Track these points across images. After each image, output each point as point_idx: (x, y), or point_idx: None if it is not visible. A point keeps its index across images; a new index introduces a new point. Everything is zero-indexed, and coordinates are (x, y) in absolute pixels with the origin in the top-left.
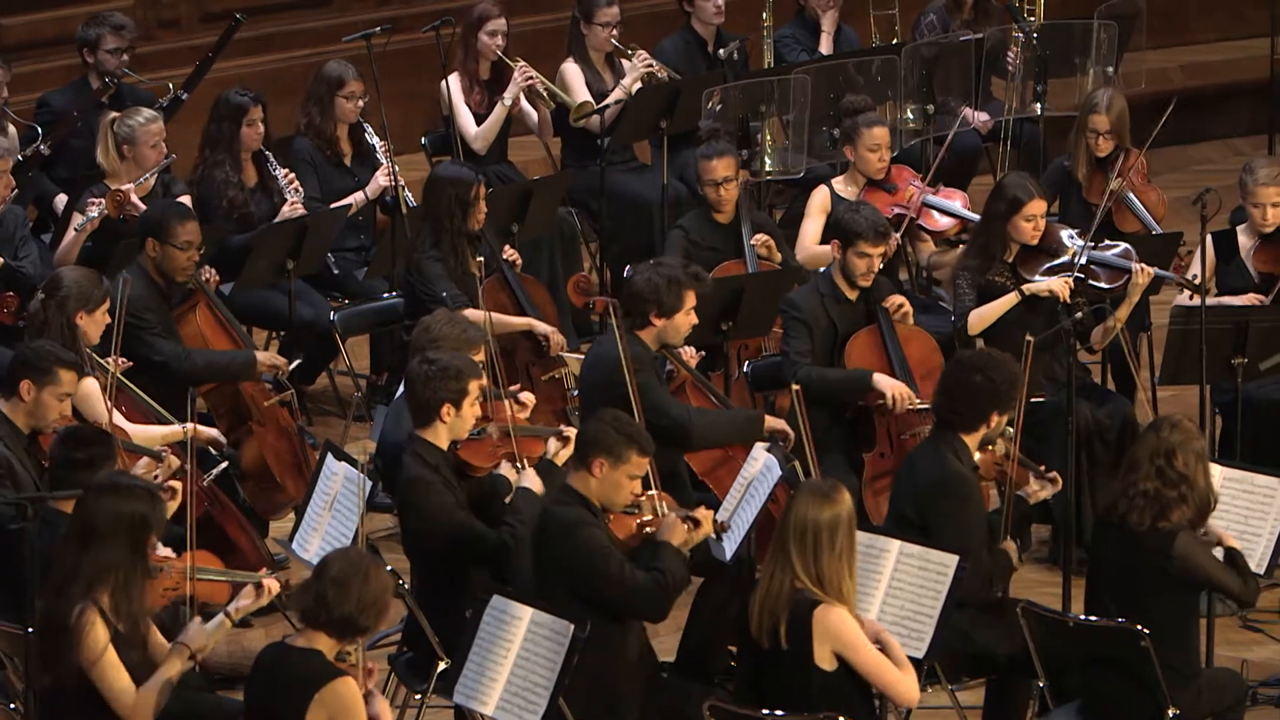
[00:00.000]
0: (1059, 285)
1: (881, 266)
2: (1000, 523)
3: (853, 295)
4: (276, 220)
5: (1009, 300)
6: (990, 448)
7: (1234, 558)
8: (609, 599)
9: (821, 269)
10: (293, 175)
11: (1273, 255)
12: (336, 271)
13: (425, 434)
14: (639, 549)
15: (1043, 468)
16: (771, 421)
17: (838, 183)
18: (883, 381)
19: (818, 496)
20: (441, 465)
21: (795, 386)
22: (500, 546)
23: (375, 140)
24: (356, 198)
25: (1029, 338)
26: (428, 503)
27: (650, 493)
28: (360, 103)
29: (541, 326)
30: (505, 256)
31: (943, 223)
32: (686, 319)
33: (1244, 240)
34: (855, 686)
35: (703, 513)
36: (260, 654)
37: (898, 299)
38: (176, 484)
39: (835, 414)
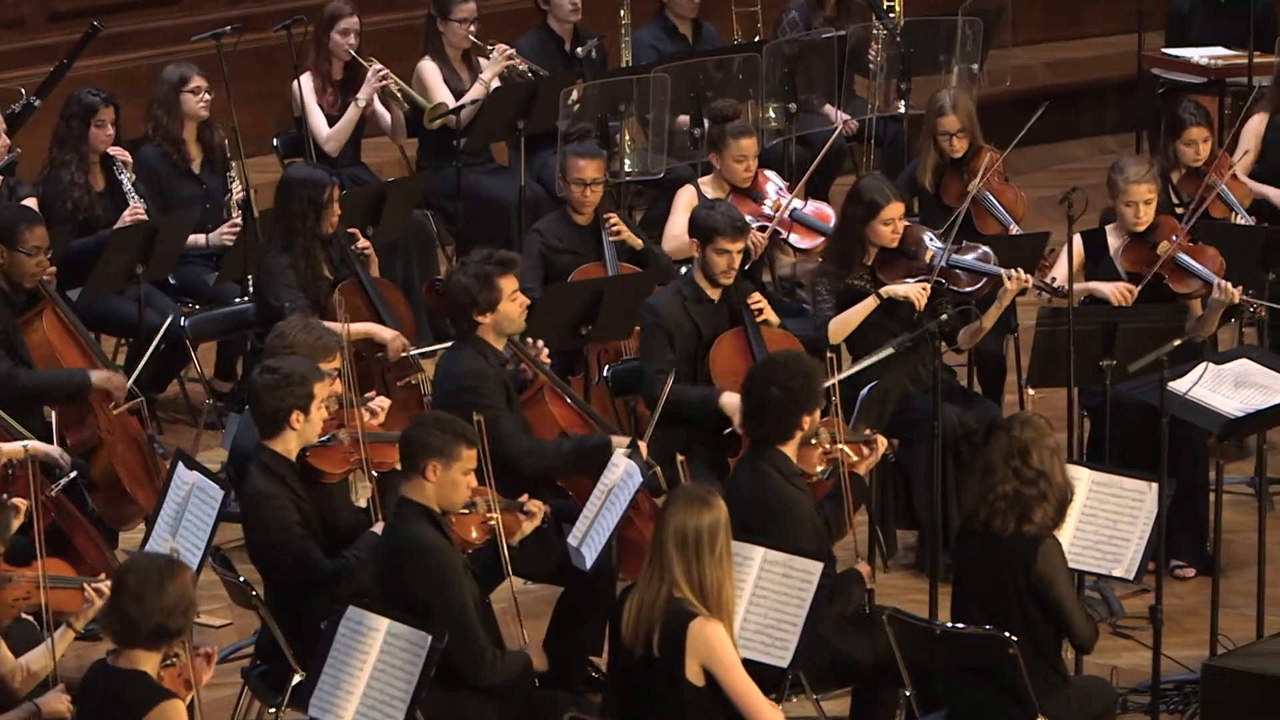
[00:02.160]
0: (915, 292)
1: (745, 266)
2: (840, 511)
3: (715, 295)
4: (118, 225)
5: (868, 305)
6: (814, 441)
7: (1083, 607)
8: (448, 632)
9: (684, 270)
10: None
11: (1141, 255)
12: (173, 281)
13: (273, 444)
14: (484, 550)
15: (867, 431)
16: (619, 440)
17: (704, 184)
18: (730, 402)
19: (695, 502)
20: (289, 476)
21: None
22: (333, 577)
23: (127, 180)
24: (199, 240)
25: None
26: (269, 518)
27: (481, 488)
28: (207, 97)
29: (382, 333)
30: (358, 246)
31: (809, 240)
32: (514, 304)
33: (1113, 240)
34: (724, 705)
35: (534, 503)
36: (86, 674)
37: (756, 295)
38: (21, 501)
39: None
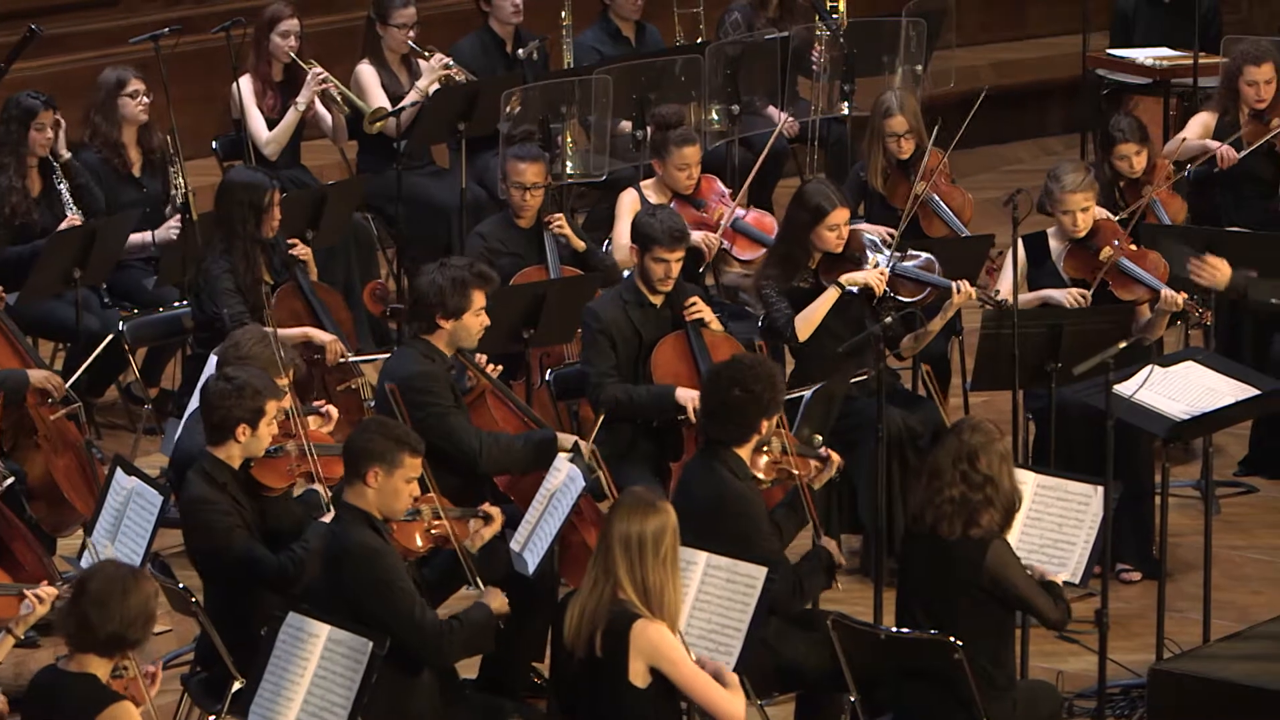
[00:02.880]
0: (875, 278)
1: (699, 268)
2: (792, 519)
3: (657, 300)
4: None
5: (830, 297)
6: (766, 449)
7: (1050, 587)
8: (397, 637)
9: (625, 273)
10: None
11: (1084, 261)
12: (105, 286)
13: (217, 451)
14: (428, 557)
15: (821, 449)
16: (566, 439)
17: (647, 188)
18: (683, 395)
19: (642, 507)
20: (230, 484)
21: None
22: (280, 571)
23: (64, 186)
24: (144, 239)
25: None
26: (209, 522)
27: (428, 495)
28: (145, 101)
29: (320, 337)
30: (295, 253)
31: (751, 252)
32: (476, 320)
33: (1055, 245)
34: (668, 707)
35: (492, 508)
36: (34, 678)
37: (694, 300)
38: None
39: (643, 423)
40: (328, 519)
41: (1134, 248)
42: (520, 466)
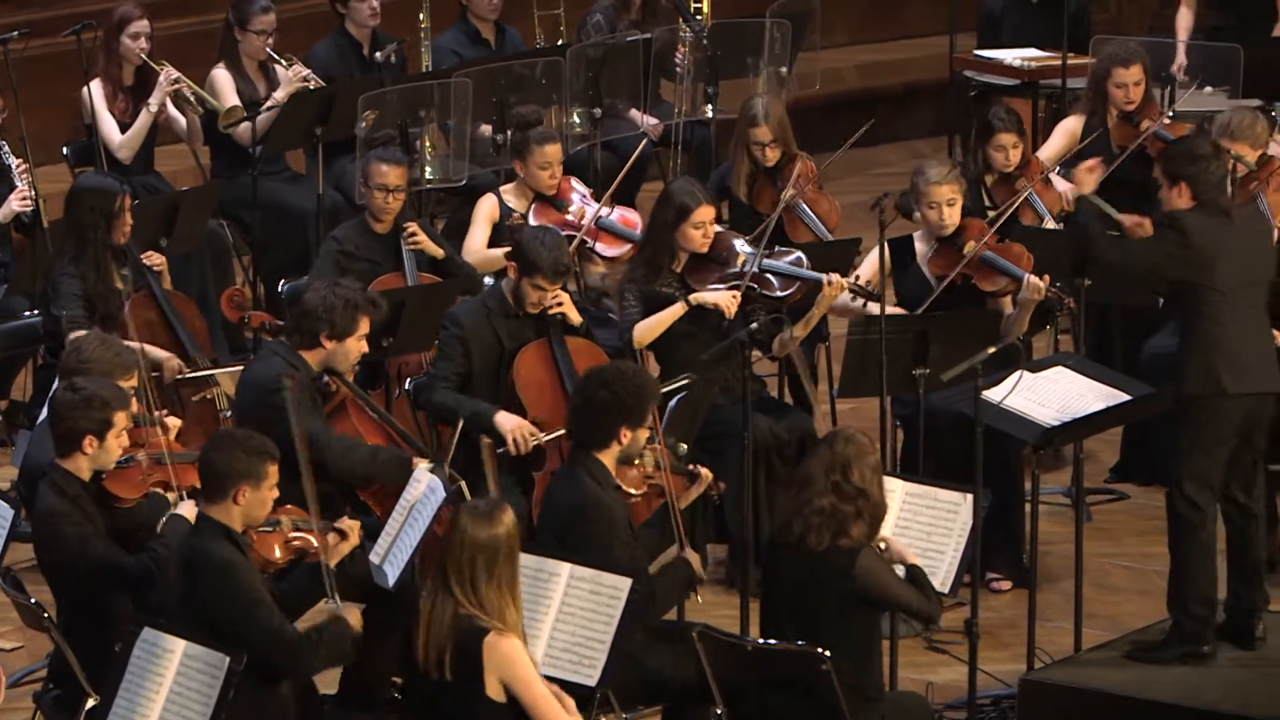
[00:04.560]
0: (725, 299)
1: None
2: (657, 538)
3: (522, 313)
4: None
5: (675, 311)
6: (637, 462)
7: (916, 575)
8: (255, 649)
9: (490, 282)
10: None
11: (949, 259)
12: None
13: (66, 463)
14: (288, 569)
15: (690, 466)
16: (419, 463)
17: (507, 193)
18: (504, 422)
19: (477, 517)
20: (81, 496)
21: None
22: (142, 573)
23: (11, 160)
24: None
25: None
26: (63, 533)
27: (287, 507)
28: None
29: (156, 353)
30: (148, 261)
31: (616, 248)
32: (358, 345)
33: (920, 246)
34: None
35: (347, 522)
36: None
37: (558, 294)
38: None
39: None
40: (184, 508)
41: (999, 243)
42: (364, 477)
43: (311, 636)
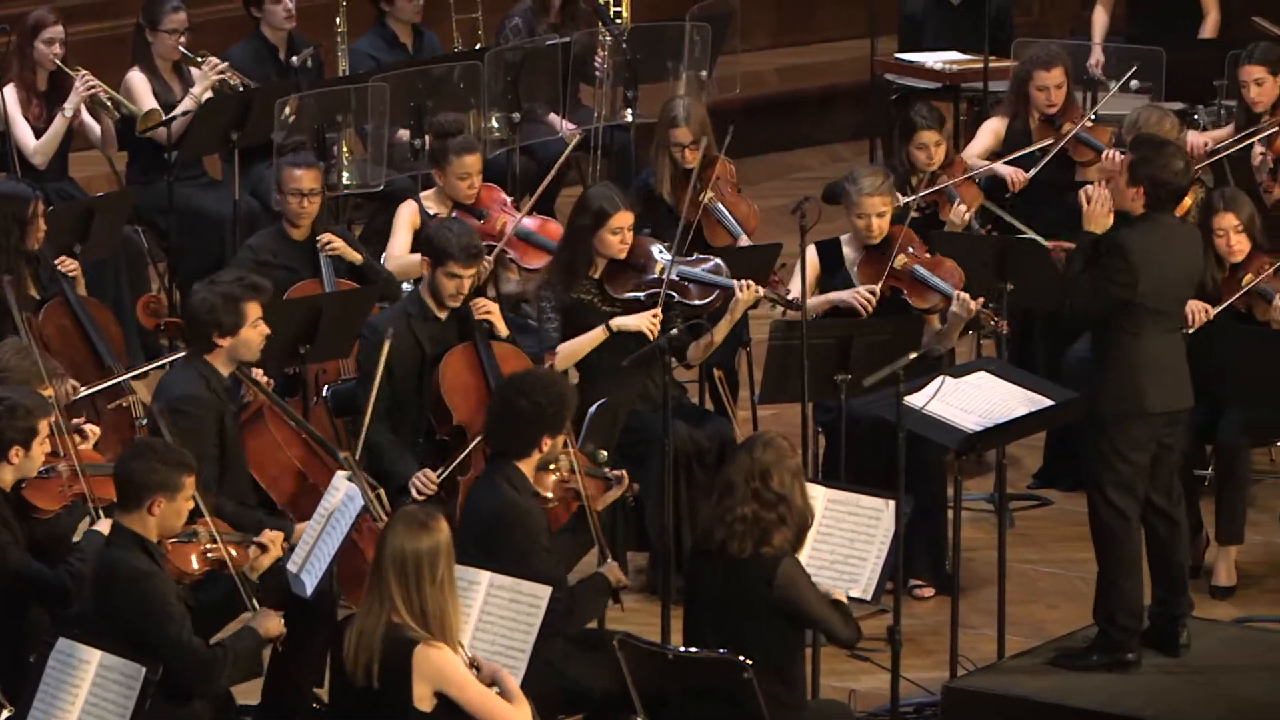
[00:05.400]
0: (646, 323)
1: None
2: (575, 544)
3: (443, 314)
4: None
5: (596, 336)
6: (553, 467)
7: (838, 605)
8: (165, 660)
9: (408, 286)
10: None
11: (877, 268)
12: None
13: None
14: (205, 581)
15: (608, 470)
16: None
17: (427, 199)
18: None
19: (414, 526)
20: (1, 506)
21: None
22: (59, 587)
23: None
24: None
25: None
26: None
27: (205, 519)
28: None
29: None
30: (62, 267)
31: (538, 260)
32: (255, 331)
33: (848, 251)
34: None
35: (269, 535)
36: None
37: (482, 301)
38: None
39: (427, 436)
40: (102, 525)
41: (928, 255)
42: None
43: (219, 653)
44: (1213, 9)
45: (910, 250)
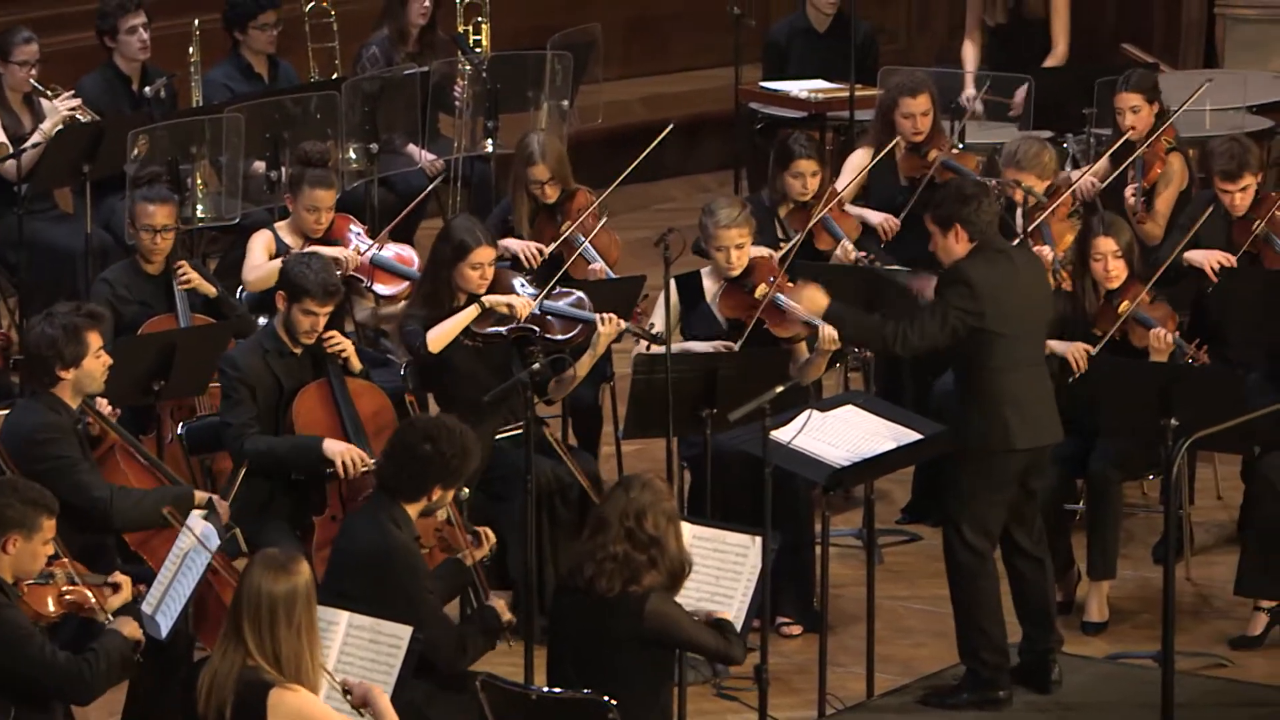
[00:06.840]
0: (519, 302)
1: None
2: (448, 584)
3: (298, 350)
4: None
5: (469, 314)
6: (433, 514)
7: (721, 624)
8: (32, 681)
9: (264, 321)
10: None
11: (739, 300)
12: None
13: None
14: (61, 623)
15: (478, 528)
16: (201, 496)
17: (281, 229)
18: (333, 448)
19: (273, 568)
20: None
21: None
22: None
23: None
24: None
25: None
26: None
27: (62, 560)
28: None
29: None
30: None
31: (393, 286)
32: (97, 362)
33: (709, 284)
34: None
35: (120, 576)
36: None
37: (334, 335)
38: None
39: (282, 478)
40: None
41: (791, 284)
42: (152, 521)
43: (89, 657)
44: (1061, 40)
45: (772, 279)
